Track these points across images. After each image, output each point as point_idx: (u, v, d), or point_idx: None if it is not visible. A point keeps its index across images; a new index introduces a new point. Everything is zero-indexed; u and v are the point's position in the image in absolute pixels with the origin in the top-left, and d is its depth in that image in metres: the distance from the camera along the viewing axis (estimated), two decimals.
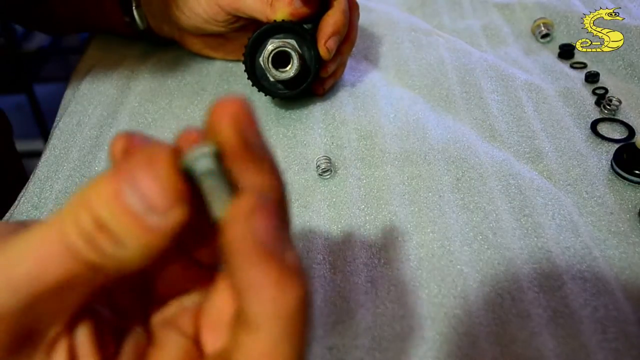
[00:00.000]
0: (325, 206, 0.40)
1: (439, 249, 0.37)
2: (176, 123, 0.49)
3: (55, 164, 0.46)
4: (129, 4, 0.53)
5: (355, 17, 0.49)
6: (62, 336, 0.19)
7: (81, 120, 0.50)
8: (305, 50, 0.46)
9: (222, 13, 0.48)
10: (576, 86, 0.51)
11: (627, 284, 0.34)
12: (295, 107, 0.50)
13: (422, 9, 0.66)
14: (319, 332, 0.32)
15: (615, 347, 0.31)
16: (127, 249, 0.17)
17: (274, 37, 0.46)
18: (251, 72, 0.47)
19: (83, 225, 0.17)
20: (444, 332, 0.32)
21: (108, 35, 0.61)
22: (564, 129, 0.46)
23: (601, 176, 0.42)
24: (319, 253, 0.37)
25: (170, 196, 0.17)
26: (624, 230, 0.37)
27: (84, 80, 0.55)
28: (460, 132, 0.46)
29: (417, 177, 0.42)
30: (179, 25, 0.52)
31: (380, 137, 0.46)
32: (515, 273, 0.35)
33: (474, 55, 0.56)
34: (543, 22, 0.58)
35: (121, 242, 0.17)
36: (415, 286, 0.35)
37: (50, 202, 0.42)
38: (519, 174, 0.41)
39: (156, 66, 0.56)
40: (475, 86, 0.51)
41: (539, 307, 0.33)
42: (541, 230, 0.37)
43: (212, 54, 0.56)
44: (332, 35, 0.45)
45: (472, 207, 0.39)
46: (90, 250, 0.17)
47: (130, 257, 0.18)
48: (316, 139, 0.46)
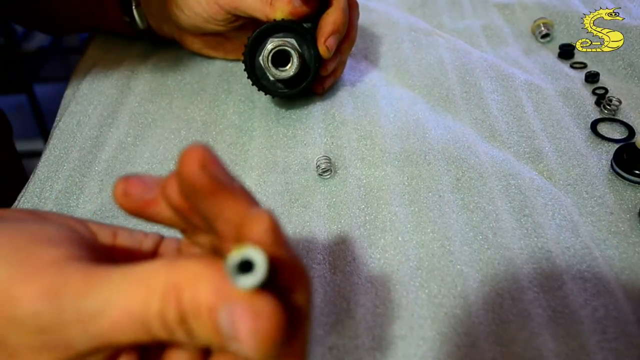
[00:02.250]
0: (325, 206, 0.40)
1: (439, 249, 0.37)
2: (176, 123, 0.49)
3: (55, 164, 0.46)
4: (129, 4, 0.53)
5: (355, 16, 0.49)
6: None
7: (81, 120, 0.50)
8: (305, 49, 0.46)
9: (221, 12, 0.48)
10: (576, 86, 0.51)
11: (627, 284, 0.34)
12: (295, 107, 0.50)
13: (422, 9, 0.66)
14: (319, 332, 0.32)
15: (615, 347, 0.31)
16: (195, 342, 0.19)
17: (274, 36, 0.46)
18: (251, 71, 0.47)
19: (167, 314, 0.18)
20: (444, 332, 0.32)
21: (108, 35, 0.61)
22: (564, 129, 0.46)
23: (601, 176, 0.42)
24: (319, 253, 0.37)
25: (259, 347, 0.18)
26: (624, 230, 0.37)
27: (84, 80, 0.55)
28: (460, 132, 0.46)
29: (417, 177, 0.42)
30: (178, 25, 0.52)
31: (380, 137, 0.46)
32: (515, 273, 0.35)
33: (474, 55, 0.56)
34: (543, 22, 0.58)
35: (194, 338, 0.19)
36: (415, 286, 0.35)
37: (50, 202, 0.42)
38: (519, 174, 0.41)
39: (156, 66, 0.56)
40: (475, 86, 0.51)
41: (539, 307, 0.33)
42: (541, 230, 0.37)
43: (212, 54, 0.56)
44: (332, 34, 0.45)
45: (472, 207, 0.39)
46: (164, 333, 0.19)
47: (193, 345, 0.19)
48: (316, 139, 0.46)
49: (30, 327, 0.19)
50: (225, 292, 0.18)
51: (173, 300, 0.18)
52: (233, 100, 0.51)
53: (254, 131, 0.48)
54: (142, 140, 0.48)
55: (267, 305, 0.18)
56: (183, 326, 0.19)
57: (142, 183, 0.23)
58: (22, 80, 1.43)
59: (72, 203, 0.42)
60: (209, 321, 0.18)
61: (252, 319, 0.18)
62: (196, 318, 0.18)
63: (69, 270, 0.20)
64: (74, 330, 0.19)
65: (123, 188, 0.23)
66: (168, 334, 0.19)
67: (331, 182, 0.42)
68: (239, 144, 0.47)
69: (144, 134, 0.48)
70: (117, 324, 0.19)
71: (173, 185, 0.21)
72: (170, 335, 0.19)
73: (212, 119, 0.49)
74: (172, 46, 0.58)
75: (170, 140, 0.47)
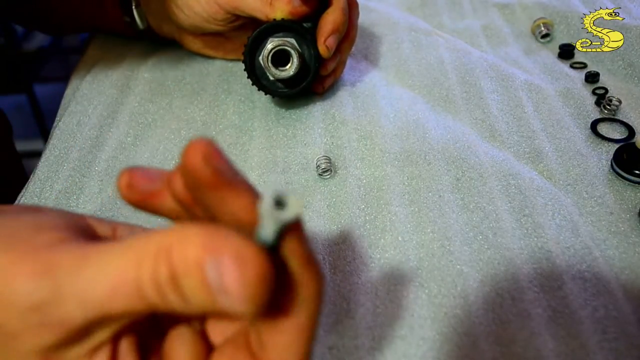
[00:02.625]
0: (325, 206, 0.40)
1: (439, 249, 0.37)
2: (176, 123, 0.49)
3: (55, 164, 0.46)
4: (129, 4, 0.53)
5: (355, 16, 0.49)
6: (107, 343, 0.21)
7: (81, 120, 0.50)
8: (305, 49, 0.46)
9: (221, 12, 0.48)
10: (576, 86, 0.51)
11: (627, 284, 0.34)
12: (295, 107, 0.50)
13: (422, 9, 0.66)
14: (319, 332, 0.32)
15: (615, 347, 0.31)
16: (190, 307, 0.19)
17: (274, 35, 0.46)
18: (251, 71, 0.47)
19: (159, 276, 0.19)
20: (444, 332, 0.32)
21: (108, 35, 0.61)
22: (564, 129, 0.46)
23: (601, 176, 0.42)
24: (319, 253, 0.37)
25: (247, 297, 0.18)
26: (624, 230, 0.37)
27: (84, 80, 0.55)
28: (460, 132, 0.46)
29: (417, 177, 0.42)
30: (178, 24, 0.52)
31: (380, 137, 0.46)
32: (515, 273, 0.35)
33: (474, 55, 0.56)
34: (543, 22, 0.58)
35: (187, 300, 0.19)
36: (415, 286, 0.35)
37: (50, 202, 0.42)
38: (519, 174, 0.41)
39: (156, 66, 0.56)
40: (475, 86, 0.51)
41: (539, 307, 0.33)
42: (541, 230, 0.37)
43: (212, 54, 0.56)
44: (332, 34, 0.45)
45: (472, 207, 0.39)
46: (157, 297, 0.19)
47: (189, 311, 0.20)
48: (316, 139, 0.46)
49: (26, 305, 0.19)
50: (212, 246, 0.18)
51: (164, 261, 0.19)
52: (233, 100, 0.51)
53: (254, 131, 0.48)
54: (142, 140, 0.48)
55: (254, 254, 0.18)
56: (175, 287, 0.19)
57: (145, 175, 0.23)
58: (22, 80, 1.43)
59: (72, 203, 0.42)
60: (198, 276, 0.18)
61: (238, 265, 0.18)
62: (186, 276, 0.19)
63: (63, 249, 0.20)
64: (70, 303, 0.19)
65: (127, 180, 0.23)
66: (162, 298, 0.19)
67: (331, 182, 0.42)
68: (239, 144, 0.47)
69: (144, 134, 0.48)
70: (111, 291, 0.19)
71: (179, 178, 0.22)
72: (163, 299, 0.19)
73: (212, 119, 0.49)
74: (172, 46, 0.58)
75: (170, 140, 0.47)
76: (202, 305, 0.19)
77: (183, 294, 0.19)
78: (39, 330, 0.19)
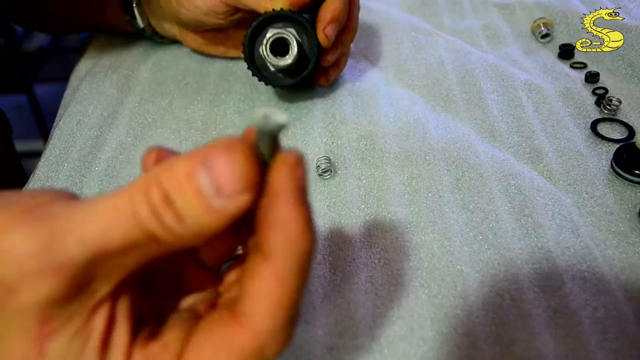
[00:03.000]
0: (325, 206, 0.40)
1: (439, 249, 0.37)
2: (176, 123, 0.49)
3: (55, 164, 0.46)
4: (130, 2, 0.53)
5: (355, 8, 0.49)
6: (105, 302, 0.21)
7: (81, 120, 0.50)
8: (305, 39, 0.46)
9: (221, 5, 0.48)
10: (576, 86, 0.51)
11: (627, 284, 0.34)
12: (295, 107, 0.50)
13: (422, 9, 0.66)
14: (319, 332, 0.32)
15: (615, 347, 0.31)
16: (187, 227, 0.20)
17: (273, 25, 0.46)
18: (251, 62, 0.47)
19: (152, 198, 0.19)
20: (444, 332, 0.32)
21: (108, 35, 0.61)
22: (564, 129, 0.46)
23: (601, 176, 0.42)
24: (319, 253, 0.37)
25: (242, 182, 0.19)
26: (624, 230, 0.37)
27: (84, 80, 0.55)
28: (460, 132, 0.46)
29: (417, 177, 0.42)
30: (178, 20, 0.52)
31: (380, 137, 0.46)
32: (515, 273, 0.35)
33: (474, 55, 0.56)
34: (543, 22, 0.58)
35: (183, 220, 0.19)
36: (415, 286, 0.35)
37: None
38: (519, 174, 0.41)
39: (156, 66, 0.56)
40: (475, 86, 0.51)
41: (539, 307, 0.33)
42: (541, 230, 0.37)
43: (213, 51, 0.56)
44: (331, 23, 0.45)
45: (472, 207, 0.39)
46: (154, 222, 0.19)
47: (187, 235, 0.20)
48: (316, 139, 0.46)
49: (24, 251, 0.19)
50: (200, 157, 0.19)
51: (154, 187, 0.19)
52: (233, 100, 0.51)
53: None
54: (142, 140, 0.48)
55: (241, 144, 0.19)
56: (169, 205, 0.19)
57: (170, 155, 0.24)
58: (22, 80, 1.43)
59: None
60: (190, 187, 0.19)
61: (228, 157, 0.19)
62: (179, 192, 0.19)
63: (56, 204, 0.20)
64: (69, 243, 0.19)
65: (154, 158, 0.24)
66: (157, 220, 0.19)
67: (331, 182, 0.42)
68: None
69: (144, 134, 0.48)
70: (108, 222, 0.19)
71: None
72: (159, 221, 0.19)
73: (212, 119, 0.49)
74: (172, 46, 0.58)
75: (170, 140, 0.47)
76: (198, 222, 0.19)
77: (177, 212, 0.19)
78: (38, 279, 0.19)
